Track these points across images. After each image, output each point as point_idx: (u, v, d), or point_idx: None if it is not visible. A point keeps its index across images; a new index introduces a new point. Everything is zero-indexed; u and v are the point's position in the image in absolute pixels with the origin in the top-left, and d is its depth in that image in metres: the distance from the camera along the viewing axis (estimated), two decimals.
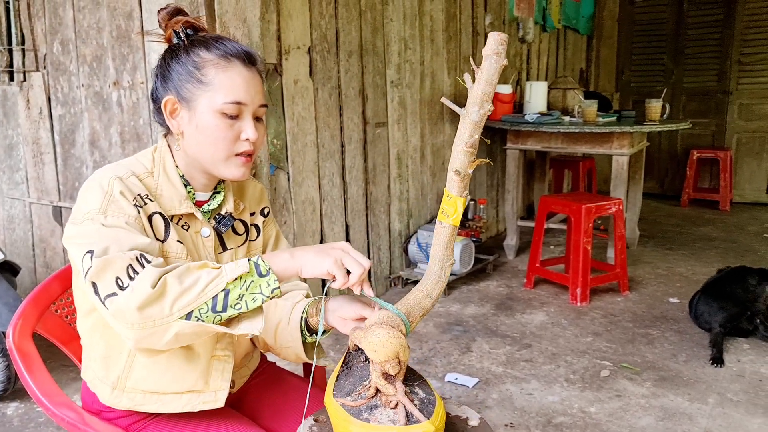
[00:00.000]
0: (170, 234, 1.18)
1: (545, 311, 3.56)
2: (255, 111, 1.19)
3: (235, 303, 1.02)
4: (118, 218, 1.09)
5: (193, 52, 1.17)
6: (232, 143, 1.17)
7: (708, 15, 6.49)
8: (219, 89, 1.15)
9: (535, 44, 5.66)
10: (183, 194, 1.22)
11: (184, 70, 1.16)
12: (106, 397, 1.24)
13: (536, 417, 2.45)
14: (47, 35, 2.99)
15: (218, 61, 1.16)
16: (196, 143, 1.18)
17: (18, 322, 1.33)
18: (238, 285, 1.02)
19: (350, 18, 3.42)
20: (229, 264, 1.04)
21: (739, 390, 2.65)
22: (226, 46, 1.17)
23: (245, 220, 1.37)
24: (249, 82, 1.17)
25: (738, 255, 4.62)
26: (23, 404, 2.54)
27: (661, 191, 6.94)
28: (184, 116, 1.18)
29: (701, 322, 3.24)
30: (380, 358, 1.07)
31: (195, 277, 1.01)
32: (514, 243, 4.59)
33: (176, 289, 0.99)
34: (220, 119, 1.15)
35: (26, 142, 3.21)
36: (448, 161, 4.48)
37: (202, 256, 1.25)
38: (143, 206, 1.14)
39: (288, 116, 3.04)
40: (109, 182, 1.13)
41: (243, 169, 1.20)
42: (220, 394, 1.26)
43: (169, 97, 1.18)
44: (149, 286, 0.98)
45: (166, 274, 1.01)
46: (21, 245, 3.37)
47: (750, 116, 6.42)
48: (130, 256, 1.02)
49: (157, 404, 1.23)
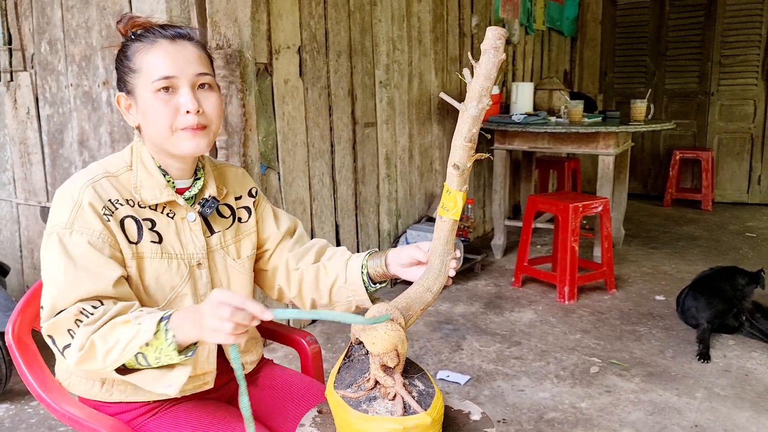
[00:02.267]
0: (143, 236, 1.22)
1: (534, 309, 3.59)
2: (192, 81, 1.20)
3: (156, 362, 1.09)
4: (81, 236, 1.15)
5: (128, 46, 1.22)
6: (172, 118, 1.19)
7: (689, 17, 6.59)
8: (147, 70, 1.19)
9: (521, 46, 5.71)
10: (162, 183, 1.25)
11: (122, 66, 1.23)
12: (97, 392, 1.26)
13: (528, 413, 2.47)
14: (35, 35, 2.97)
15: (144, 46, 1.20)
16: (148, 129, 1.22)
17: (17, 318, 1.33)
18: (152, 351, 1.07)
19: (339, 18, 3.43)
20: (146, 321, 1.06)
21: (726, 384, 2.70)
22: (153, 32, 1.21)
23: (230, 204, 1.39)
24: (176, 55, 1.19)
25: (720, 253, 4.69)
26: (14, 405, 2.52)
27: (644, 191, 7.02)
28: (133, 108, 1.24)
29: (688, 318, 3.29)
30: (378, 350, 1.08)
31: (116, 336, 1.08)
32: (502, 242, 4.62)
33: (102, 348, 1.08)
34: (156, 98, 1.18)
35: (13, 142, 3.19)
36: (435, 161, 4.53)
37: (190, 241, 1.28)
38: (113, 213, 1.19)
39: (278, 116, 3.05)
40: (79, 191, 1.18)
41: (194, 141, 1.21)
42: (209, 377, 1.31)
43: (120, 94, 1.25)
44: (77, 349, 1.09)
45: (94, 333, 1.09)
46: (8, 246, 3.34)
47: (731, 117, 6.52)
48: (74, 312, 1.10)
49: (148, 394, 1.24)
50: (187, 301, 1.26)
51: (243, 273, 1.37)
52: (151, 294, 1.23)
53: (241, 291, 1.36)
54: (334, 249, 1.45)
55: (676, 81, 6.75)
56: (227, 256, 1.35)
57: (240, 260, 1.37)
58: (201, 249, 1.29)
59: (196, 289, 1.28)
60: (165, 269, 1.23)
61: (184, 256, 1.26)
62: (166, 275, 1.24)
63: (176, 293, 1.25)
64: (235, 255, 1.36)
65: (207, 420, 1.28)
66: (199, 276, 1.29)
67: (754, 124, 6.40)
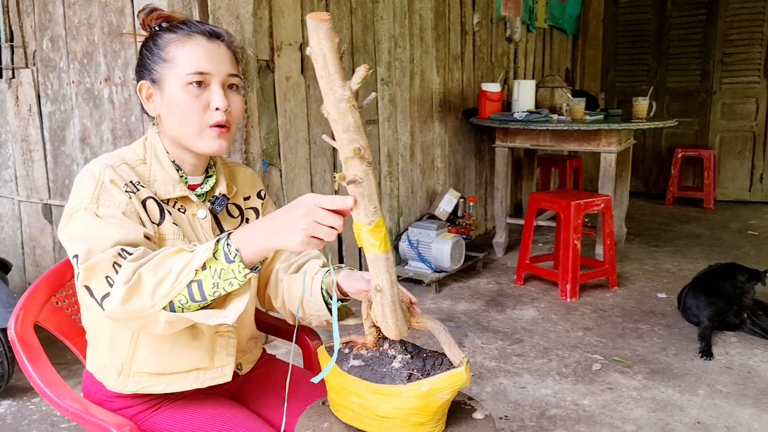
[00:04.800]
0: (165, 217, 1.20)
1: (536, 307, 3.59)
2: (224, 80, 1.21)
3: (213, 291, 1.03)
4: (109, 208, 1.12)
5: (159, 36, 1.22)
6: (201, 114, 1.19)
7: (691, 16, 6.58)
8: (181, 63, 1.18)
9: (522, 44, 5.71)
10: (176, 178, 1.24)
11: (151, 54, 1.21)
12: (112, 383, 1.25)
13: (530, 410, 2.47)
14: (37, 32, 2.97)
15: (179, 38, 1.19)
16: (170, 121, 1.21)
17: (20, 313, 1.32)
18: (210, 275, 1.02)
19: (341, 15, 3.43)
20: (201, 246, 1.04)
21: (728, 382, 2.69)
22: (189, 26, 1.21)
23: (239, 203, 1.39)
24: (212, 53, 1.20)
25: (722, 252, 4.68)
26: (16, 402, 2.52)
27: (646, 190, 7.02)
28: (157, 98, 1.22)
29: (689, 316, 3.28)
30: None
31: (168, 265, 1.02)
32: (503, 240, 4.62)
33: (151, 280, 1.01)
34: (187, 92, 1.18)
35: (15, 139, 3.19)
36: (437, 159, 4.53)
37: (200, 238, 1.26)
38: (135, 192, 1.17)
39: (280, 113, 3.04)
40: (100, 171, 1.16)
41: (219, 141, 1.22)
42: (227, 369, 1.29)
43: (143, 82, 1.23)
44: (123, 283, 1.00)
45: (141, 267, 1.02)
46: (10, 243, 3.34)
47: (732, 115, 6.51)
48: (112, 254, 1.04)
49: (163, 385, 1.24)
50: None
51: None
52: None
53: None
54: (313, 261, 1.40)
55: (678, 79, 6.74)
56: None
57: None
58: None
59: None
60: None
61: None
62: None
63: None
64: None
65: (210, 414, 1.28)
66: None
67: (755, 122, 6.40)
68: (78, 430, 2.30)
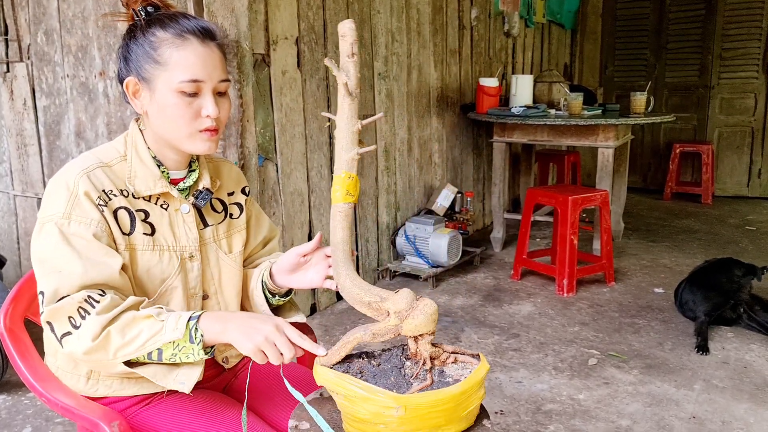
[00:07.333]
0: (136, 227, 1.21)
1: (532, 302, 3.59)
2: (215, 86, 1.20)
3: (170, 358, 1.11)
4: (80, 225, 1.13)
5: (149, 32, 1.17)
6: (193, 120, 1.18)
7: (689, 10, 6.56)
8: (175, 68, 1.16)
9: (520, 38, 5.69)
10: (156, 174, 1.24)
11: (142, 51, 1.18)
12: (81, 387, 1.25)
13: (526, 404, 2.47)
14: (31, 25, 2.95)
15: (173, 40, 1.16)
16: (159, 122, 1.20)
17: (9, 306, 1.31)
18: (171, 347, 1.10)
19: (338, 9, 3.41)
20: (171, 319, 1.09)
21: (724, 376, 2.69)
22: (181, 24, 1.18)
23: (222, 198, 1.39)
24: (206, 59, 1.18)
25: (720, 247, 4.68)
26: (10, 396, 2.52)
27: (644, 185, 7.01)
28: (145, 96, 1.20)
29: (686, 311, 3.28)
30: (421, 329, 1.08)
31: (137, 330, 1.08)
32: (501, 235, 4.61)
33: (118, 341, 1.08)
34: (179, 98, 1.16)
35: (10, 134, 3.17)
36: (435, 154, 4.52)
37: (183, 234, 1.27)
38: (107, 203, 1.17)
39: (276, 107, 3.03)
40: (74, 181, 1.15)
41: (208, 144, 1.22)
42: (196, 368, 1.26)
43: (130, 78, 1.20)
44: (91, 339, 1.06)
45: (111, 325, 1.08)
46: (5, 238, 3.33)
47: (731, 110, 6.50)
48: (78, 300, 1.08)
49: (135, 387, 1.24)
50: (178, 295, 1.25)
51: (234, 267, 1.36)
52: (141, 286, 1.22)
53: (231, 286, 1.37)
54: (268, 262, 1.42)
55: (677, 74, 6.72)
56: (219, 249, 1.34)
57: (232, 254, 1.36)
58: (194, 241, 1.28)
59: (187, 282, 1.27)
60: (156, 262, 1.22)
61: (176, 248, 1.25)
62: (157, 268, 1.23)
63: (167, 286, 1.24)
64: (227, 249, 1.36)
65: (201, 408, 1.27)
66: (190, 269, 1.28)
67: (754, 117, 6.38)
68: (73, 425, 2.30)
